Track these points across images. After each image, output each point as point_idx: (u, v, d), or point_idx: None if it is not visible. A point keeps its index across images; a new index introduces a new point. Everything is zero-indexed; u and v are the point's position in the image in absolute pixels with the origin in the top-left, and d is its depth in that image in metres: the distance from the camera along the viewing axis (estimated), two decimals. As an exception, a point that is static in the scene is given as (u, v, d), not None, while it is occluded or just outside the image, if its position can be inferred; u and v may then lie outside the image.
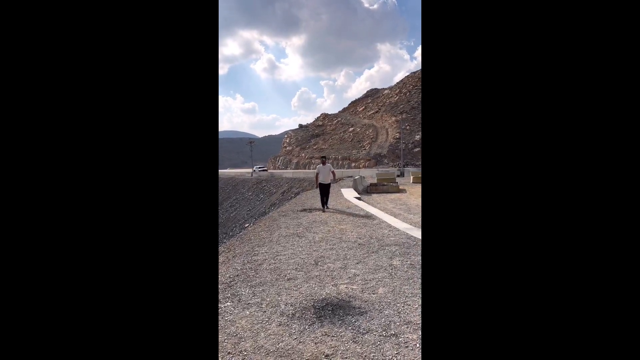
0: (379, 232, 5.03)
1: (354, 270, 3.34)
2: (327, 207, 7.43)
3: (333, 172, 7.71)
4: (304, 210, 7.69)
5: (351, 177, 16.83)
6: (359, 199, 9.54)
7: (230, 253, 4.50)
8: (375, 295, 2.72)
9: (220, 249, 4.93)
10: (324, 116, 71.13)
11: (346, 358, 1.86)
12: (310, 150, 55.82)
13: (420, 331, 2.12)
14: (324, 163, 7.77)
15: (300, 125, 74.18)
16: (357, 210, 7.30)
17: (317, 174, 7.66)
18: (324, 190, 7.52)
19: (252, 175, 37.33)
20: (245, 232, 6.32)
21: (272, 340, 2.07)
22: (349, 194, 10.44)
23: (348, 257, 3.82)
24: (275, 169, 52.46)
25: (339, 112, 73.45)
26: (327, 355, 1.89)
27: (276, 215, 7.20)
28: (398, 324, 2.23)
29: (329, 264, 3.57)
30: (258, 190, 30.29)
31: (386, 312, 2.40)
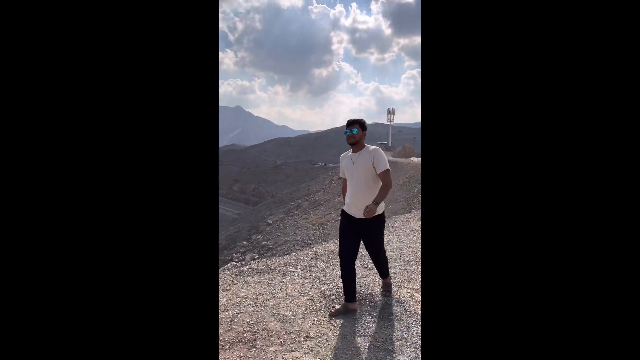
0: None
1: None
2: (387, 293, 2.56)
3: (384, 174, 2.21)
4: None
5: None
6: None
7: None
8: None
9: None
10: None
11: (327, 341, 1.90)
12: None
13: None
14: (355, 143, 2.31)
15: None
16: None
17: (342, 179, 2.52)
18: (359, 232, 2.31)
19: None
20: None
21: (286, 305, 2.37)
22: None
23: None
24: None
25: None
26: (307, 337, 2.00)
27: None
28: (401, 341, 1.90)
29: (418, 267, 3.22)
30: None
31: (413, 328, 2.07)
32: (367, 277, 2.95)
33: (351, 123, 2.33)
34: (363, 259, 3.45)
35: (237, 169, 60.15)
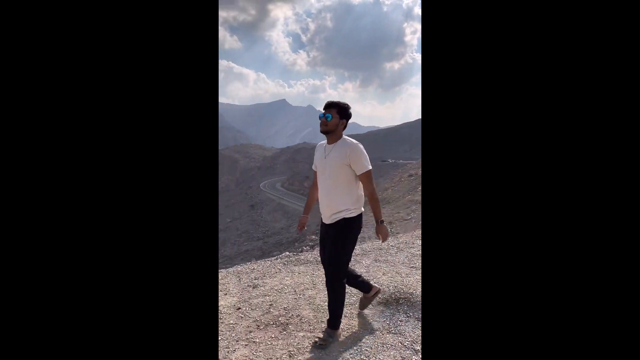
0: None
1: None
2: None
3: (366, 177, 1.78)
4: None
5: None
6: None
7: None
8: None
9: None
10: None
11: (355, 334, 1.95)
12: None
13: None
14: (329, 132, 1.79)
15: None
16: None
17: (314, 173, 1.99)
18: (325, 238, 1.94)
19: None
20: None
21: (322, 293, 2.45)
22: None
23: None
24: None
25: None
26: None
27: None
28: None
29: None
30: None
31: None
32: (411, 276, 2.87)
33: (328, 106, 1.77)
34: (412, 259, 3.34)
35: (307, 166, 62.26)
